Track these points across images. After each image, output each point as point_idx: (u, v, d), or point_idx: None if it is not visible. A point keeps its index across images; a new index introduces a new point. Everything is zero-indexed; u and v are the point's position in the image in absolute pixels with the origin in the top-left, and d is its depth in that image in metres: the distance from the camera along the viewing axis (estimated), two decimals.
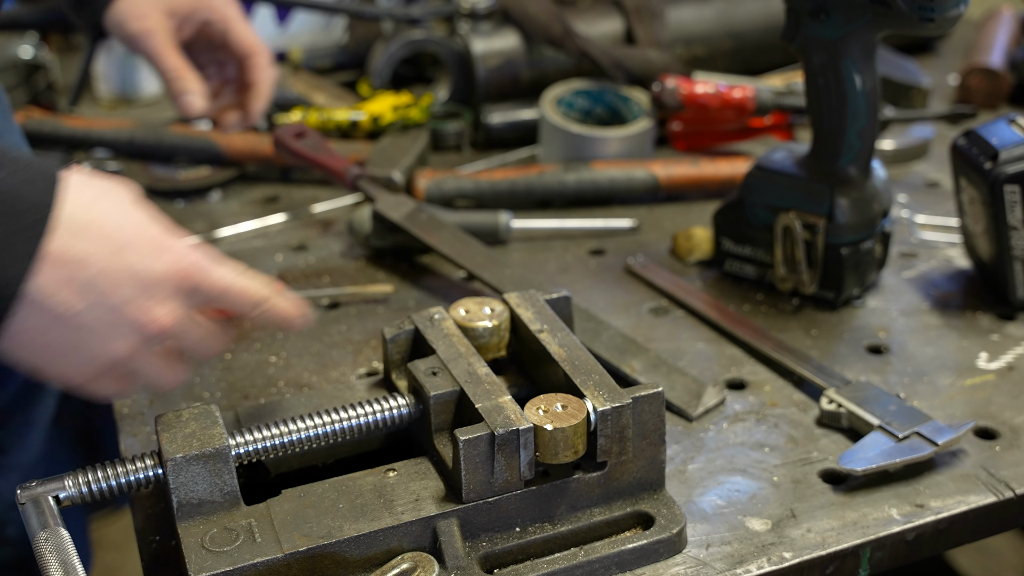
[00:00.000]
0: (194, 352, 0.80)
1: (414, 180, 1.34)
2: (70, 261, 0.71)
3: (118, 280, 0.73)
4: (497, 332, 0.91)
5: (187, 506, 0.78)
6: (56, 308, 0.71)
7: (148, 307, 0.74)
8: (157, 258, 0.75)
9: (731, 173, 1.36)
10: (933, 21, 1.00)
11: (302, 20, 1.79)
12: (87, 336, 0.73)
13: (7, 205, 0.68)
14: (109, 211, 0.74)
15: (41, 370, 0.75)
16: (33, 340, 0.72)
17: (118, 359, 0.75)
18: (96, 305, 0.72)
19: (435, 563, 0.78)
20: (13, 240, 0.68)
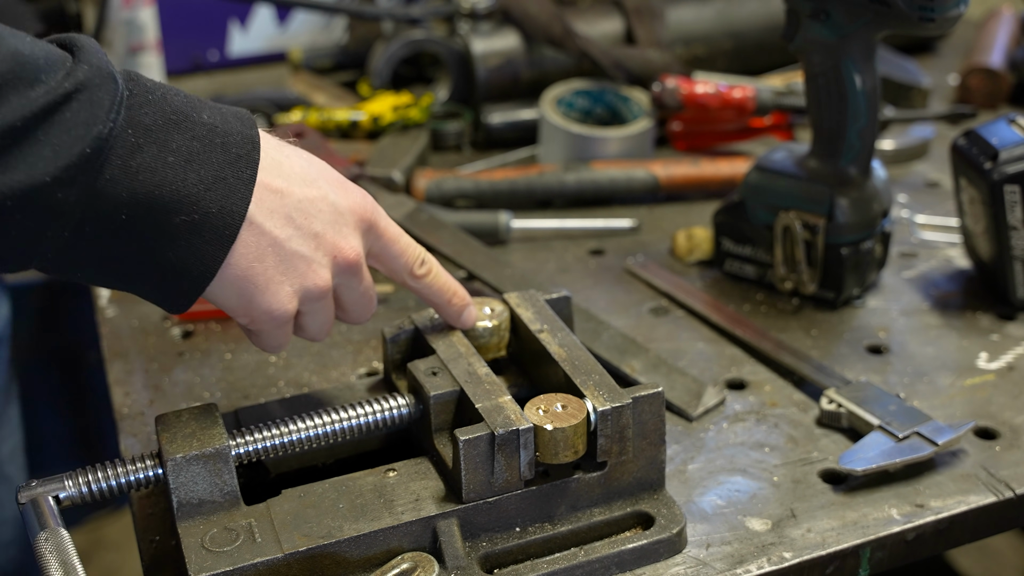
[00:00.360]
0: (352, 308, 0.83)
1: (414, 180, 1.34)
2: (275, 191, 0.75)
3: (315, 209, 0.77)
4: (497, 332, 0.91)
5: (187, 506, 0.78)
6: (271, 232, 0.75)
7: (340, 237, 0.79)
8: (343, 193, 0.80)
9: (731, 173, 1.36)
10: (933, 21, 1.00)
11: (302, 20, 1.79)
12: (296, 262, 0.77)
13: (222, 139, 0.73)
14: (295, 153, 0.79)
15: (250, 300, 0.76)
16: (251, 266, 0.75)
17: (319, 288, 0.78)
18: (300, 232, 0.76)
19: (435, 563, 0.78)
20: (234, 168, 0.73)
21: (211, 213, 0.71)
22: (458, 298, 0.88)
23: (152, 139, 0.70)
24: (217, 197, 0.72)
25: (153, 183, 0.69)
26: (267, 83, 1.70)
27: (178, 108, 0.72)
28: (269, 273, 0.76)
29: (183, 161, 0.71)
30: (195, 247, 0.72)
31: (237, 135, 0.74)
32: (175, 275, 0.73)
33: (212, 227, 0.72)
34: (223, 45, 1.77)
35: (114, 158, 0.68)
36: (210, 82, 1.73)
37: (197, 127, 0.72)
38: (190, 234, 0.71)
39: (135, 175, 0.69)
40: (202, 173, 0.71)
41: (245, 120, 0.76)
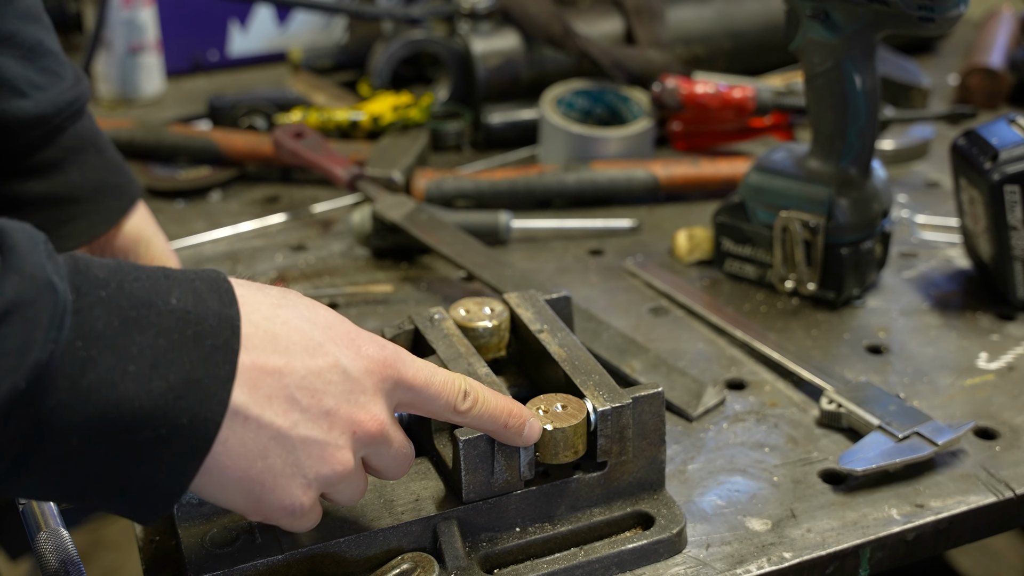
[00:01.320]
0: (386, 470, 0.74)
1: (414, 180, 1.34)
2: (270, 373, 0.65)
3: (323, 383, 0.67)
4: (497, 332, 0.91)
5: (187, 506, 0.78)
6: (272, 423, 0.65)
7: (357, 408, 0.69)
8: (355, 354, 0.69)
9: (731, 173, 1.36)
10: (933, 21, 1.00)
11: (302, 20, 1.79)
12: (308, 450, 0.67)
13: (194, 328, 0.62)
14: (292, 316, 0.68)
15: (258, 501, 0.67)
16: (253, 465, 0.65)
17: (338, 473, 0.69)
18: (308, 414, 0.66)
19: (435, 563, 0.78)
20: (209, 365, 0.62)
21: (181, 425, 0.61)
22: (514, 418, 0.77)
23: (107, 346, 0.59)
24: (189, 405, 0.61)
25: (110, 402, 0.59)
26: (267, 83, 1.70)
27: (139, 299, 0.61)
28: (276, 468, 0.66)
29: (147, 368, 0.60)
30: (162, 462, 0.62)
31: (213, 318, 0.63)
32: (140, 493, 0.63)
33: (182, 440, 0.61)
34: (223, 45, 1.77)
35: (60, 381, 0.58)
36: (210, 82, 1.73)
37: (164, 318, 0.61)
38: (156, 449, 0.61)
39: (87, 396, 0.58)
40: (171, 379, 0.60)
41: (223, 293, 0.65)
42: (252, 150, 1.43)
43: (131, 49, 1.63)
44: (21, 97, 0.95)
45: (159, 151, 1.44)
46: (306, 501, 0.68)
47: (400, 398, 0.72)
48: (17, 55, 0.95)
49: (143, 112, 1.62)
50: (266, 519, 0.69)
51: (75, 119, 1.00)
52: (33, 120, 0.96)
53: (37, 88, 0.96)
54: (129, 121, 1.48)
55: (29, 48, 0.96)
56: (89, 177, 1.00)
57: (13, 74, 0.95)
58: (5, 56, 0.94)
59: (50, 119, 0.97)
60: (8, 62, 0.94)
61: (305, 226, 1.33)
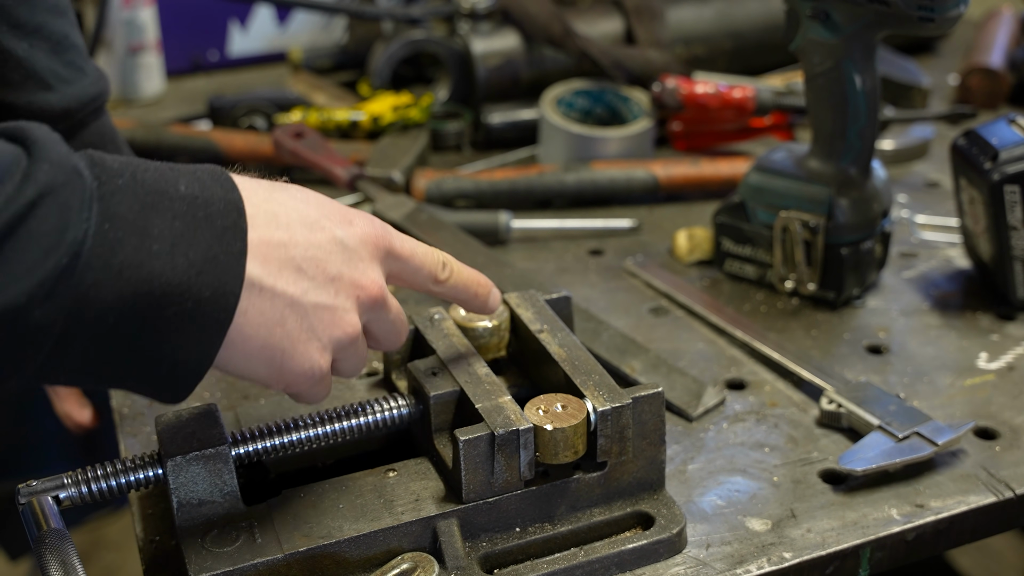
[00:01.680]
0: (385, 338, 0.79)
1: (414, 180, 1.34)
2: (277, 246, 0.70)
3: (324, 253, 0.72)
4: (497, 332, 0.91)
5: (187, 506, 0.78)
6: (285, 291, 0.70)
7: (358, 274, 0.74)
8: (349, 227, 0.74)
9: (731, 173, 1.36)
10: (933, 21, 1.00)
11: (302, 20, 1.79)
12: (320, 315, 0.72)
13: (204, 211, 0.66)
14: (287, 199, 0.73)
15: (280, 368, 0.71)
16: (272, 332, 0.69)
17: (349, 336, 0.74)
18: (316, 281, 0.71)
19: (435, 563, 0.78)
20: (223, 243, 0.66)
21: (204, 299, 0.65)
22: (483, 287, 0.84)
23: (131, 229, 0.63)
24: (209, 280, 0.65)
25: (140, 278, 0.63)
26: (267, 83, 1.70)
27: (152, 186, 0.65)
28: (294, 334, 0.70)
29: (169, 247, 0.64)
30: (190, 336, 0.66)
31: (219, 202, 0.67)
32: (169, 368, 0.67)
33: (206, 313, 0.66)
34: (223, 45, 1.77)
35: (94, 261, 0.62)
36: (210, 82, 1.73)
37: (176, 203, 0.66)
38: (183, 324, 0.65)
39: (119, 273, 0.63)
40: (191, 256, 0.65)
41: (224, 182, 0.69)
42: (252, 150, 1.43)
43: (131, 49, 1.63)
44: (47, 90, 0.96)
45: (159, 151, 1.44)
46: (324, 364, 0.73)
47: (390, 268, 0.77)
48: (45, 47, 0.96)
49: (143, 112, 1.62)
50: (288, 388, 0.73)
51: (97, 115, 1.01)
52: (58, 113, 0.97)
53: (63, 81, 0.97)
54: (129, 121, 1.48)
55: (56, 41, 0.97)
56: None
57: (41, 66, 0.96)
58: (34, 48, 0.95)
59: (74, 113, 0.98)
60: (36, 54, 0.95)
61: None
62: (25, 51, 0.95)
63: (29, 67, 0.95)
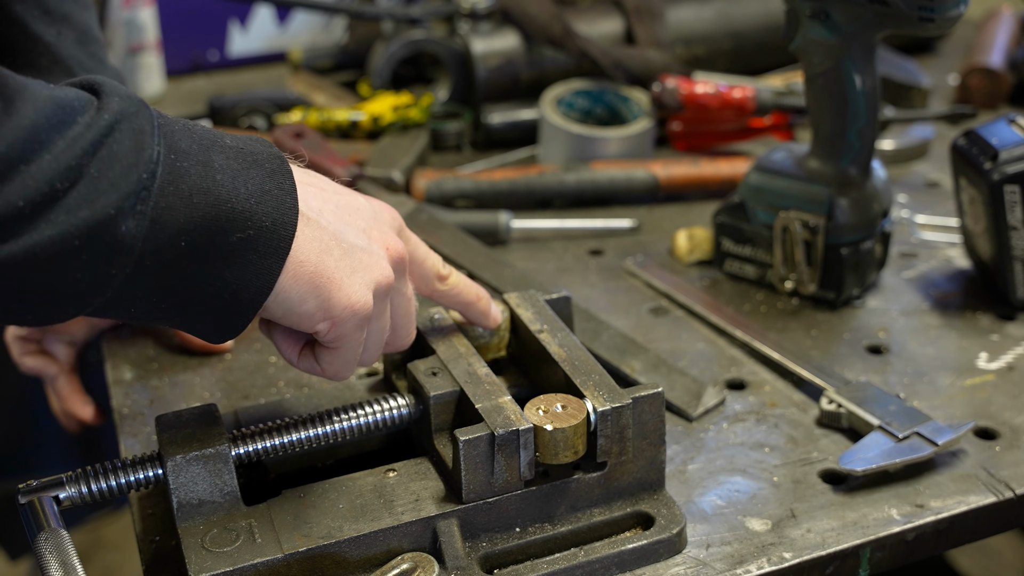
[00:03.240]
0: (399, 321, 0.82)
1: (414, 180, 1.34)
2: (319, 189, 0.77)
3: (354, 208, 0.78)
4: (497, 332, 0.91)
5: (187, 506, 0.78)
6: (329, 225, 0.75)
7: (384, 233, 0.79)
8: (368, 200, 0.81)
9: (731, 173, 1.36)
10: (933, 21, 1.00)
11: (302, 20, 1.79)
12: (359, 255, 0.76)
13: (252, 157, 0.72)
14: (315, 177, 0.79)
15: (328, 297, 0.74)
16: (322, 259, 0.74)
17: (385, 282, 0.77)
18: (352, 225, 0.77)
19: (435, 563, 0.78)
20: (274, 180, 0.72)
21: (265, 227, 0.71)
22: (483, 296, 0.88)
23: (194, 160, 0.69)
24: (268, 210, 0.71)
25: (208, 203, 0.68)
26: (267, 83, 1.70)
27: (203, 134, 0.71)
28: (340, 264, 0.75)
29: (230, 178, 0.70)
30: (252, 263, 0.71)
31: (263, 153, 0.74)
32: (232, 295, 0.71)
33: (267, 240, 0.71)
34: (223, 45, 1.77)
35: (166, 184, 0.67)
36: (210, 82, 1.73)
37: (228, 149, 0.72)
38: (246, 251, 0.70)
39: (189, 198, 0.67)
40: (250, 186, 0.70)
41: (263, 141, 0.75)
42: None
43: (131, 49, 1.63)
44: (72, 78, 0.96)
45: None
46: (368, 302, 0.76)
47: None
48: (72, 36, 0.99)
49: None
50: (334, 323, 0.75)
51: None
52: None
53: (87, 71, 1.00)
54: None
55: (82, 31, 1.00)
56: None
57: (68, 54, 0.98)
58: (63, 35, 0.97)
59: None
60: (64, 41, 0.98)
61: None
62: (54, 37, 0.97)
63: (57, 53, 0.97)
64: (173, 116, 0.71)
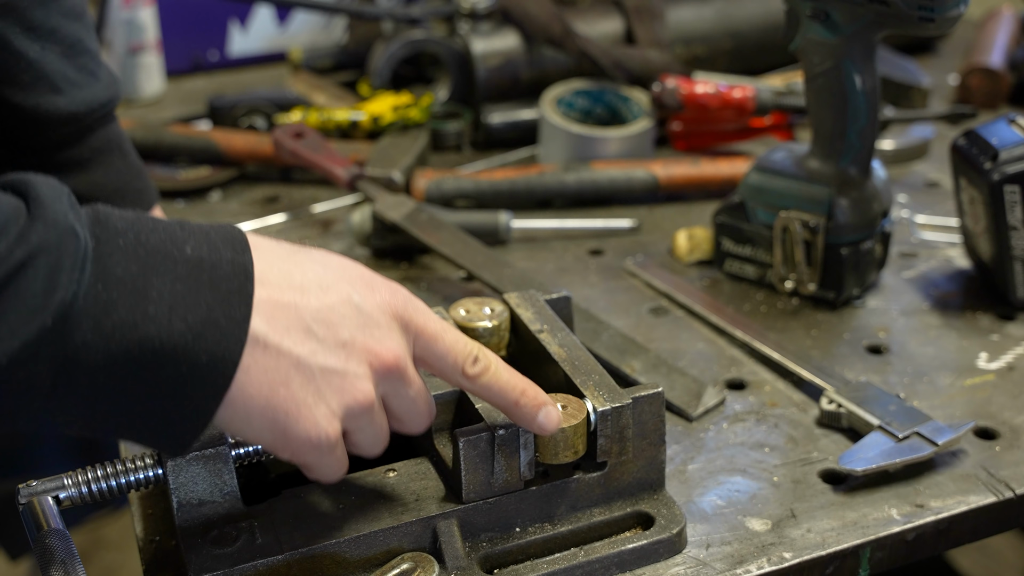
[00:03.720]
0: (406, 416, 0.75)
1: (414, 180, 1.34)
2: (286, 306, 0.68)
3: (337, 316, 0.69)
4: (497, 332, 0.91)
5: (187, 506, 0.78)
6: (291, 350, 0.67)
7: (373, 340, 0.70)
8: (368, 292, 0.71)
9: (731, 173, 1.36)
10: (933, 21, 1.00)
11: (302, 20, 1.79)
12: (329, 379, 0.69)
13: (209, 274, 0.65)
14: (305, 260, 0.71)
15: (284, 432, 0.68)
16: (276, 392, 0.67)
17: (360, 403, 0.70)
18: (325, 344, 0.68)
19: (435, 563, 0.78)
20: (225, 307, 0.65)
21: (200, 364, 0.64)
22: (528, 397, 0.76)
23: (128, 290, 0.62)
24: (207, 345, 0.64)
25: (132, 341, 0.62)
26: (267, 83, 1.70)
27: (155, 247, 0.64)
28: (299, 397, 0.68)
29: (166, 310, 0.63)
30: (185, 398, 0.65)
31: (227, 265, 0.66)
32: (164, 426, 0.66)
33: (203, 377, 0.64)
34: (223, 45, 1.77)
35: (84, 321, 0.61)
36: (210, 82, 1.73)
37: (180, 266, 0.64)
38: (178, 386, 0.64)
39: (110, 336, 0.62)
40: (189, 320, 0.63)
41: (237, 243, 0.67)
42: (252, 150, 1.43)
43: (131, 49, 1.63)
44: (57, 93, 0.97)
45: (159, 151, 1.44)
46: (332, 432, 0.69)
47: (413, 344, 0.73)
48: (58, 51, 0.97)
49: (143, 112, 1.62)
50: (294, 455, 0.70)
51: (106, 121, 1.02)
52: (65, 117, 0.97)
53: (73, 85, 0.98)
54: (129, 121, 1.48)
55: (69, 45, 0.98)
56: (111, 179, 1.02)
57: (52, 69, 0.97)
58: (47, 51, 0.96)
59: (82, 118, 0.99)
60: (49, 57, 0.96)
61: (305, 226, 1.33)
62: (37, 53, 0.96)
63: (40, 69, 0.96)
64: (127, 222, 0.64)
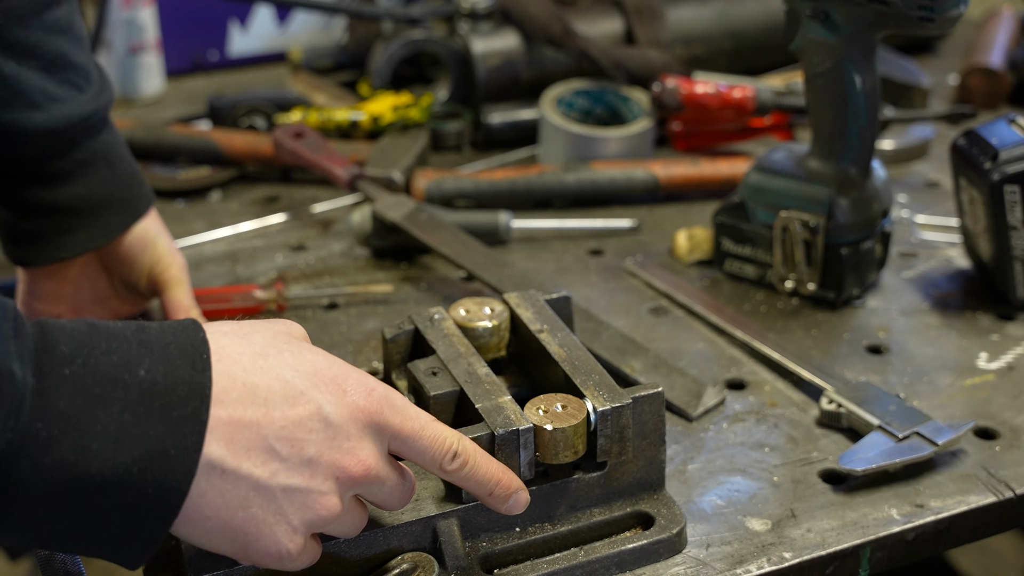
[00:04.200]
0: (387, 502, 0.74)
1: (414, 180, 1.34)
2: (247, 425, 0.65)
3: (303, 432, 0.67)
4: (497, 332, 0.91)
5: None
6: (251, 474, 0.65)
7: (341, 454, 0.69)
8: (339, 399, 0.69)
9: (731, 173, 1.36)
10: (933, 21, 1.00)
11: (302, 20, 1.79)
12: (291, 497, 0.67)
13: (161, 400, 0.63)
14: (275, 365, 0.68)
15: (244, 548, 0.68)
16: (234, 515, 0.66)
17: (323, 518, 0.69)
18: (288, 463, 0.67)
19: (435, 563, 0.78)
20: (176, 436, 0.63)
21: (147, 494, 0.62)
22: (501, 488, 0.76)
23: (70, 426, 0.60)
24: (154, 477, 0.62)
25: (73, 477, 0.60)
26: (267, 83, 1.70)
27: (105, 374, 0.62)
28: (259, 517, 0.66)
29: (111, 443, 0.61)
30: (130, 527, 0.63)
31: (183, 387, 0.63)
32: (114, 549, 0.64)
33: (148, 507, 0.63)
34: (223, 45, 1.77)
35: (22, 461, 0.59)
36: (210, 82, 1.73)
37: (130, 391, 0.62)
38: (123, 515, 0.62)
39: (50, 474, 0.60)
40: (135, 453, 0.61)
41: (197, 360, 0.65)
42: (252, 150, 1.43)
43: (131, 49, 1.63)
44: (34, 109, 0.95)
45: (159, 151, 1.44)
46: (292, 547, 0.68)
47: (390, 443, 0.72)
48: (37, 67, 0.95)
49: (143, 112, 1.62)
50: (256, 564, 0.70)
51: (90, 133, 1.00)
52: (43, 132, 0.96)
53: (54, 100, 0.96)
54: (129, 121, 1.48)
55: (51, 60, 0.96)
56: (94, 191, 1.01)
57: (30, 85, 0.95)
58: (24, 67, 0.95)
59: (61, 133, 0.97)
60: (27, 73, 0.95)
61: (305, 226, 1.33)
62: (13, 70, 0.94)
63: (15, 86, 0.94)
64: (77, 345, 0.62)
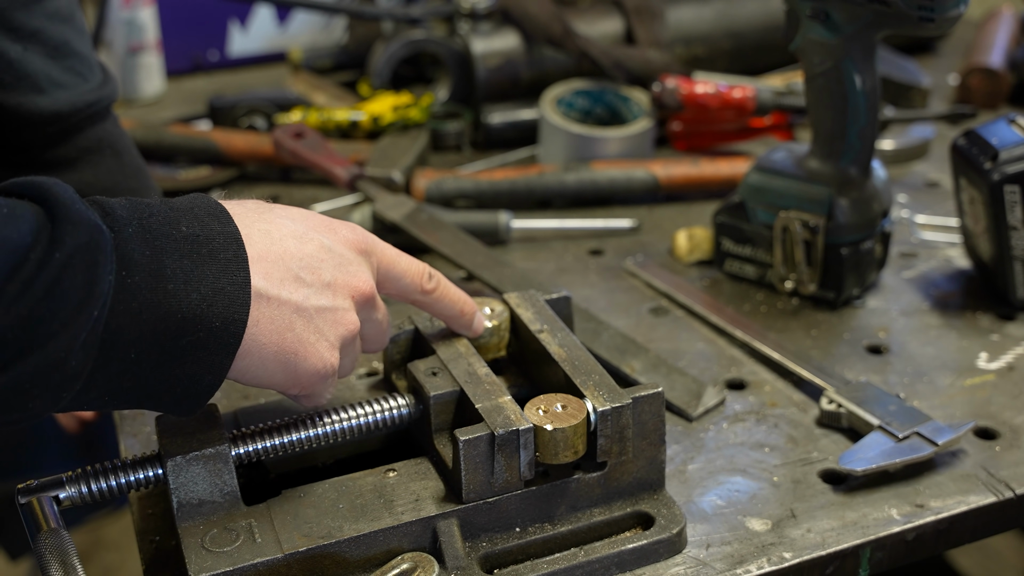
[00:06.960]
0: (372, 338, 0.84)
1: (414, 180, 1.34)
2: (277, 259, 0.75)
3: (318, 260, 0.77)
4: (497, 332, 0.91)
5: (187, 506, 0.78)
6: (290, 299, 0.75)
7: (350, 276, 0.79)
8: (333, 234, 0.80)
9: (731, 173, 1.36)
10: (933, 21, 1.00)
11: (302, 20, 1.79)
12: (325, 316, 0.77)
13: (207, 248, 0.71)
14: (275, 216, 0.78)
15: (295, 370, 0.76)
16: (284, 337, 0.75)
17: (351, 332, 0.78)
18: (315, 286, 0.76)
19: (435, 563, 0.78)
20: (228, 275, 0.72)
21: (215, 327, 0.71)
22: (468, 307, 0.88)
23: (146, 272, 0.68)
24: (219, 311, 0.71)
25: (158, 317, 0.68)
26: (267, 83, 1.70)
27: (158, 231, 0.70)
28: (303, 337, 0.76)
29: (181, 284, 0.69)
30: (202, 360, 0.71)
31: (220, 237, 0.73)
32: (185, 388, 0.72)
33: (217, 339, 0.71)
34: (223, 45, 1.77)
35: (118, 306, 0.67)
36: (210, 82, 1.73)
37: (181, 244, 0.71)
38: (197, 350, 0.71)
39: (139, 315, 0.68)
40: (202, 290, 0.70)
41: (219, 215, 0.74)
42: (252, 150, 1.43)
43: (131, 49, 1.63)
44: (39, 93, 0.98)
45: (159, 151, 1.44)
46: (334, 362, 0.78)
47: (375, 270, 0.82)
48: (41, 52, 0.98)
49: (143, 112, 1.62)
50: (303, 389, 0.78)
51: (95, 120, 1.03)
52: (48, 117, 0.99)
53: (58, 86, 0.99)
54: (129, 121, 1.48)
55: (54, 47, 0.99)
56: (101, 178, 1.03)
57: (35, 70, 0.98)
58: (30, 52, 0.97)
59: (66, 117, 1.00)
60: (32, 57, 0.97)
61: None
62: (19, 54, 0.97)
63: (20, 69, 0.97)
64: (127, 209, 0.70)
